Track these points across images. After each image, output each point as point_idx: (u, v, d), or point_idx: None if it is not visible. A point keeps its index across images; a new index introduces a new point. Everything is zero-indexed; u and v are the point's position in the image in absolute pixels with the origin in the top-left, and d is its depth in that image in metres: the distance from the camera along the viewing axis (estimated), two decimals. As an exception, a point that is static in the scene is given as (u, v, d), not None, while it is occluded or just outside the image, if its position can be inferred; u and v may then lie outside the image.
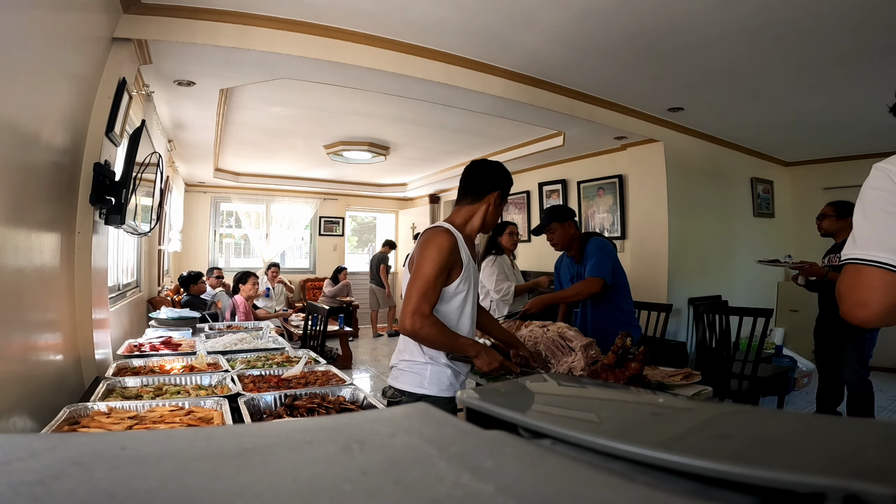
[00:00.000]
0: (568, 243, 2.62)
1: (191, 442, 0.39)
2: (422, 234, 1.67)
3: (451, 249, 1.57)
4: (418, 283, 1.53)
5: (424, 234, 1.64)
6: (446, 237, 1.58)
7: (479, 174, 1.72)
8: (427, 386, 1.63)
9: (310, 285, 8.13)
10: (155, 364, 1.99)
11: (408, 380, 1.67)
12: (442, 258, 1.55)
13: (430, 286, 1.53)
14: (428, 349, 1.63)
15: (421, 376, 1.65)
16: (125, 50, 2.28)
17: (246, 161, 6.28)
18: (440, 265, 1.55)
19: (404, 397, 1.66)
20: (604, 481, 0.32)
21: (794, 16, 2.45)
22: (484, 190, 1.70)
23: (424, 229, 1.69)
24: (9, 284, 1.32)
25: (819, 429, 0.47)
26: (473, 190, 1.71)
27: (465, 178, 1.73)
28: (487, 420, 0.54)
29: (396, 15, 2.55)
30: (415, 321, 1.51)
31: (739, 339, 3.18)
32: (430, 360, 1.64)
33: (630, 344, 1.91)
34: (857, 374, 2.94)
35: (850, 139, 4.80)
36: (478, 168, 1.73)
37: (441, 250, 1.55)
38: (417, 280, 1.54)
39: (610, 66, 3.15)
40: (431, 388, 1.63)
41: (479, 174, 1.72)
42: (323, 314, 3.89)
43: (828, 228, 3.11)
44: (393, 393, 1.71)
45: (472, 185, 1.71)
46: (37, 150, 1.54)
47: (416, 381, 1.65)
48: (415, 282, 1.54)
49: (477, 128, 4.52)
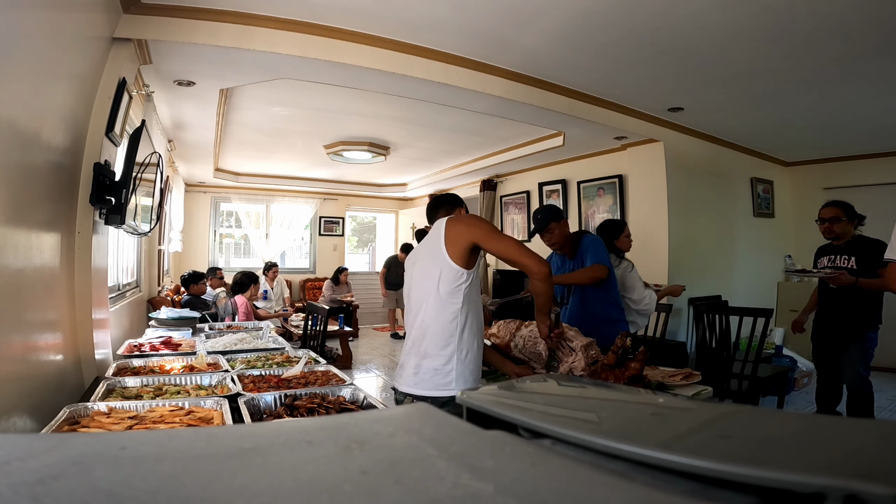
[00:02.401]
0: (564, 242, 2.63)
1: (191, 442, 0.39)
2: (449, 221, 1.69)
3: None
4: (504, 238, 1.66)
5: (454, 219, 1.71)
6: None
7: (447, 196, 1.95)
8: (454, 387, 1.61)
9: (310, 285, 8.13)
10: (155, 364, 1.99)
11: (433, 384, 1.63)
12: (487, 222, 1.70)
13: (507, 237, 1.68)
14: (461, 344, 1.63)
15: (447, 378, 1.62)
16: (125, 50, 2.28)
17: (246, 161, 6.28)
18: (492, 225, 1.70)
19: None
20: (604, 481, 0.32)
21: (794, 16, 2.45)
22: (453, 206, 1.90)
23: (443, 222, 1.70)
24: (9, 284, 1.32)
25: (819, 429, 0.47)
26: (445, 205, 1.90)
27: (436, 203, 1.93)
28: (487, 420, 0.54)
29: (396, 15, 2.55)
30: (541, 261, 1.62)
31: (739, 339, 3.18)
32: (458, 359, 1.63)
33: (629, 344, 1.91)
34: (858, 374, 2.93)
35: (850, 139, 4.79)
36: (439, 195, 1.97)
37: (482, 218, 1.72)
38: (500, 239, 1.64)
39: (610, 65, 3.15)
40: (459, 387, 1.60)
41: (446, 197, 1.95)
42: (323, 314, 3.89)
43: (839, 231, 3.01)
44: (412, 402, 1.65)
45: (443, 203, 1.91)
46: (37, 150, 1.54)
47: (442, 383, 1.62)
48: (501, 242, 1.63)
49: (477, 128, 4.52)
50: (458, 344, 1.63)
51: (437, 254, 1.65)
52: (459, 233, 1.63)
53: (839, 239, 3.04)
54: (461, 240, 1.62)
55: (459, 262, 1.63)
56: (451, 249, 1.63)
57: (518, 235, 6.34)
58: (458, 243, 1.62)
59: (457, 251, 1.62)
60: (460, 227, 1.65)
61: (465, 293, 1.64)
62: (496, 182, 6.63)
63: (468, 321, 1.65)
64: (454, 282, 1.63)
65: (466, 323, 1.65)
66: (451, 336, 1.63)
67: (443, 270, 1.63)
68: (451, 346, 1.63)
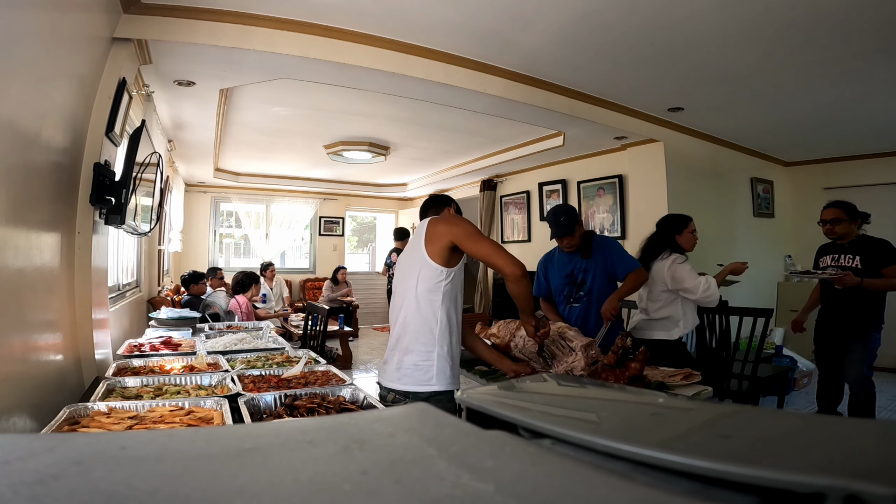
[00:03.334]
0: (580, 243, 2.62)
1: (191, 442, 0.39)
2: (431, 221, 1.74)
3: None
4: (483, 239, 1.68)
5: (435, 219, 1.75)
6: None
7: (438, 197, 2.01)
8: (435, 382, 1.67)
9: (310, 285, 8.13)
10: (155, 364, 1.99)
11: (414, 379, 1.68)
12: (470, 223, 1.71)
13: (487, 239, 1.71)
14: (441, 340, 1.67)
15: (428, 373, 1.67)
16: (125, 50, 2.28)
17: (246, 161, 6.28)
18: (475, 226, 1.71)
19: (408, 399, 1.67)
20: (604, 481, 0.32)
21: (793, 16, 2.45)
22: (441, 206, 1.96)
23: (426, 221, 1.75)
24: (9, 284, 1.32)
25: (819, 429, 0.47)
26: (435, 206, 1.97)
27: (427, 203, 2.00)
28: (487, 420, 0.54)
29: (396, 15, 2.55)
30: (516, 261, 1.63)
31: (739, 339, 3.18)
32: (438, 355, 1.67)
33: (629, 344, 1.91)
34: (861, 374, 2.93)
35: (850, 139, 4.80)
36: (432, 196, 2.03)
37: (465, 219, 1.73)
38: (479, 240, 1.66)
39: (610, 66, 3.15)
40: (440, 383, 1.67)
41: (437, 198, 2.01)
42: (323, 314, 3.88)
43: (842, 232, 2.99)
44: (395, 398, 1.71)
45: (433, 204, 1.98)
46: (37, 150, 1.54)
47: (423, 378, 1.67)
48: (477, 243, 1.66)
49: (477, 128, 4.52)
50: (438, 340, 1.68)
51: (418, 252, 1.70)
52: (439, 233, 1.68)
53: (843, 238, 3.03)
54: (441, 239, 1.67)
55: (439, 260, 1.67)
56: (430, 248, 1.68)
57: (518, 235, 6.34)
58: (438, 242, 1.67)
59: (436, 250, 1.67)
60: (441, 227, 1.70)
61: (444, 291, 1.68)
62: (496, 182, 6.63)
63: (448, 318, 1.70)
64: (434, 279, 1.68)
65: (447, 320, 1.69)
66: (432, 332, 1.68)
67: (422, 268, 1.68)
68: (431, 343, 1.67)
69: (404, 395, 1.69)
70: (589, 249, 2.61)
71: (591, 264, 2.59)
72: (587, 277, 2.61)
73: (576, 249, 2.64)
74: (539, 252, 5.94)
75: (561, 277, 2.70)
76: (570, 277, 2.66)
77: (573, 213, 2.60)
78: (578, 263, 2.64)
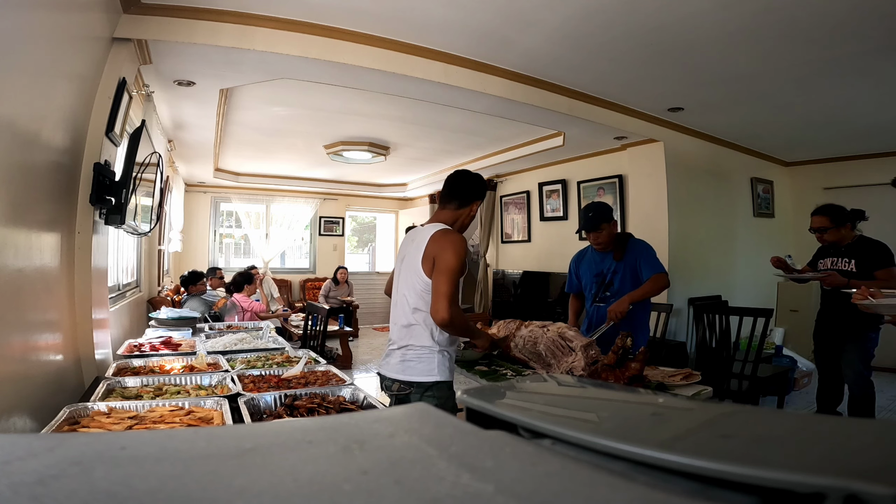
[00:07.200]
0: (609, 242, 2.61)
1: (191, 442, 0.39)
2: (436, 235, 1.77)
3: (465, 250, 1.78)
4: (449, 278, 1.70)
5: (440, 235, 1.78)
6: (462, 239, 1.78)
7: (466, 183, 1.90)
8: (437, 373, 1.77)
9: (310, 285, 8.13)
10: (155, 364, 1.99)
11: (419, 370, 1.78)
12: (463, 256, 1.74)
13: (456, 280, 1.72)
14: (439, 337, 1.77)
15: (431, 365, 1.77)
16: (125, 50, 2.28)
17: (246, 161, 6.28)
18: (462, 262, 1.73)
19: (413, 388, 1.77)
20: (604, 481, 0.32)
21: (794, 16, 2.45)
22: (469, 198, 1.90)
23: (434, 230, 1.79)
24: (9, 284, 1.32)
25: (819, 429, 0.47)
26: (459, 196, 1.89)
27: (452, 185, 1.91)
28: (487, 420, 0.54)
29: (396, 15, 2.55)
30: (451, 311, 1.67)
31: (739, 339, 3.18)
32: (438, 348, 1.78)
33: (630, 345, 1.92)
34: (859, 374, 2.93)
35: (850, 139, 4.79)
36: (464, 177, 1.91)
37: (462, 250, 1.74)
38: (446, 275, 1.70)
39: (610, 65, 3.15)
40: (442, 374, 1.78)
41: (465, 183, 1.90)
42: (323, 314, 3.89)
43: (832, 239, 2.99)
44: (400, 386, 1.80)
45: (459, 192, 1.90)
46: (37, 150, 1.54)
47: (427, 369, 1.77)
48: (443, 276, 1.70)
49: (477, 128, 4.52)
50: (437, 338, 1.78)
51: (415, 262, 1.78)
52: (430, 253, 1.76)
53: (840, 242, 3.02)
54: (430, 261, 1.75)
55: (430, 275, 1.76)
56: (425, 265, 1.76)
57: (518, 235, 6.34)
58: (428, 263, 1.76)
59: (429, 268, 1.76)
60: (436, 248, 1.75)
61: None
62: (496, 182, 6.64)
63: None
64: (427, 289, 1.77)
65: None
66: (431, 329, 1.77)
67: (419, 277, 1.78)
68: (431, 339, 1.77)
69: (408, 384, 1.79)
70: (622, 252, 2.58)
71: (622, 266, 2.57)
72: (615, 279, 2.59)
73: (609, 250, 2.62)
74: (539, 252, 6.00)
75: (591, 276, 2.69)
76: (599, 276, 2.65)
77: (605, 211, 2.58)
78: (609, 264, 2.62)
